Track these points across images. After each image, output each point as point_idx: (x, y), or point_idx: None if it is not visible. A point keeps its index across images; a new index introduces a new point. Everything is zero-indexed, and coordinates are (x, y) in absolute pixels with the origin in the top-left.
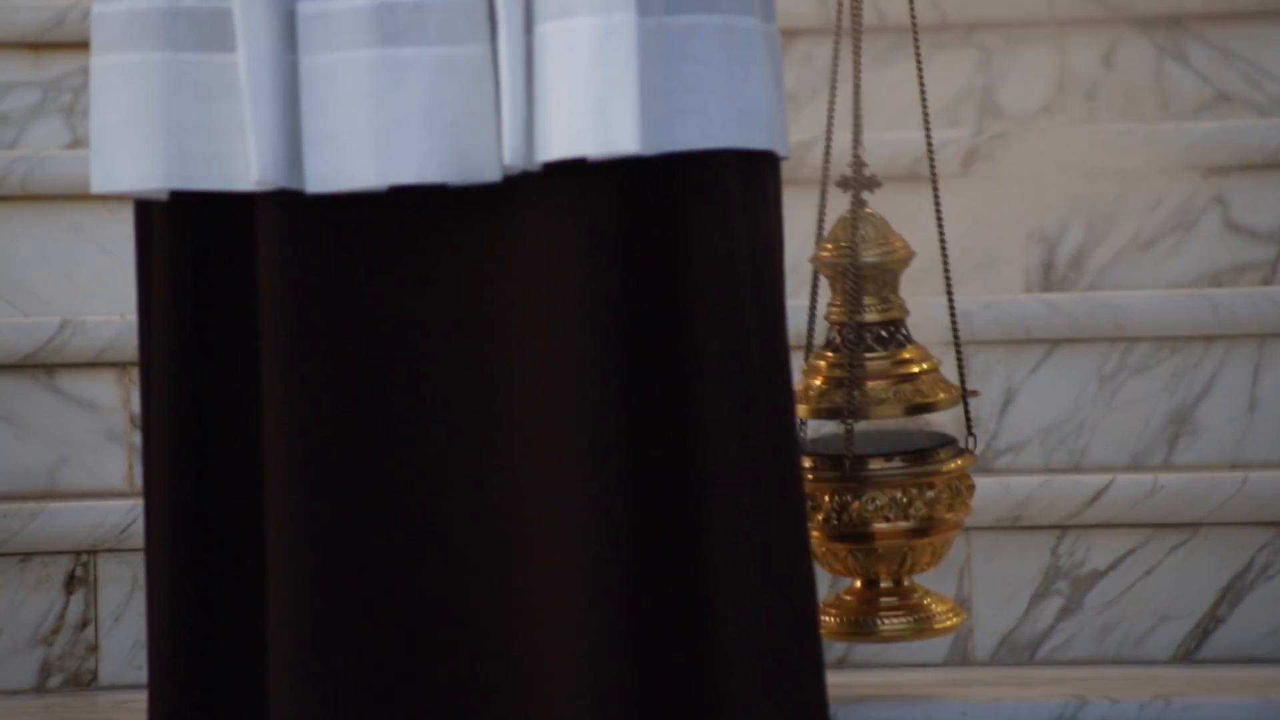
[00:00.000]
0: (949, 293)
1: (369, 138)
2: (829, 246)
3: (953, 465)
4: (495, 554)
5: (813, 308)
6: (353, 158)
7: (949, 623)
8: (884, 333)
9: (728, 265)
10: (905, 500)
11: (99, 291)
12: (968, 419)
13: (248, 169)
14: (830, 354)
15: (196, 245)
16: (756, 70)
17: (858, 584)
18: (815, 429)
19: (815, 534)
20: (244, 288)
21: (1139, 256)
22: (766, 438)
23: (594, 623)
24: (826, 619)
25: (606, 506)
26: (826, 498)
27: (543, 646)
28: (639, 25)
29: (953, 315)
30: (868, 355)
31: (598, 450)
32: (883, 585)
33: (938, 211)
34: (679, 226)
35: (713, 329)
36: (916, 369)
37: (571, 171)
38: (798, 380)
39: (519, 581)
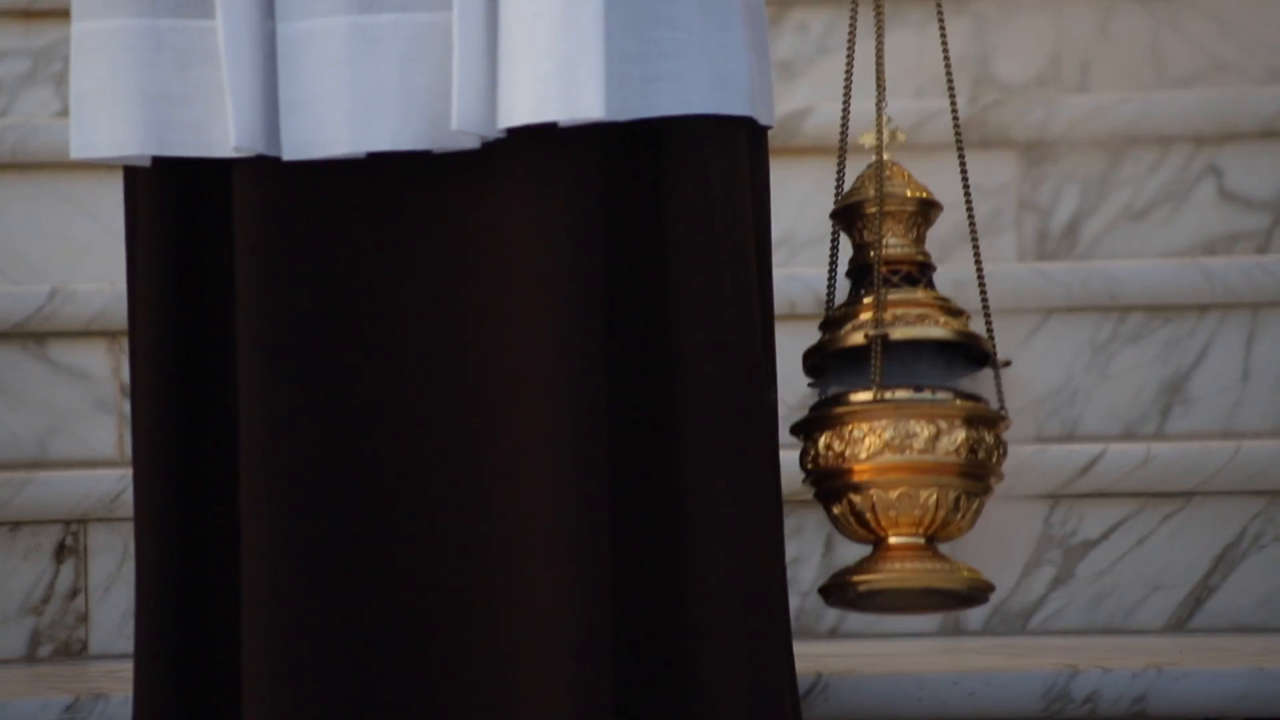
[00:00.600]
0: (978, 261)
1: (344, 104)
2: (851, 193)
3: (983, 406)
4: (475, 539)
5: (833, 269)
6: (328, 124)
7: (979, 577)
8: (916, 273)
9: (706, 235)
10: (935, 433)
11: (89, 260)
12: (999, 389)
13: (226, 135)
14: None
15: (180, 212)
16: (736, 36)
17: (871, 549)
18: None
19: (815, 486)
20: (228, 255)
21: (1133, 225)
22: (745, 411)
23: (577, 611)
24: (839, 589)
25: (589, 494)
26: (855, 430)
27: (527, 634)
28: None
29: (982, 287)
30: (903, 288)
31: (580, 429)
32: (895, 542)
33: (964, 181)
34: (660, 195)
35: (691, 299)
36: (957, 307)
37: (551, 140)
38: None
39: (501, 568)
